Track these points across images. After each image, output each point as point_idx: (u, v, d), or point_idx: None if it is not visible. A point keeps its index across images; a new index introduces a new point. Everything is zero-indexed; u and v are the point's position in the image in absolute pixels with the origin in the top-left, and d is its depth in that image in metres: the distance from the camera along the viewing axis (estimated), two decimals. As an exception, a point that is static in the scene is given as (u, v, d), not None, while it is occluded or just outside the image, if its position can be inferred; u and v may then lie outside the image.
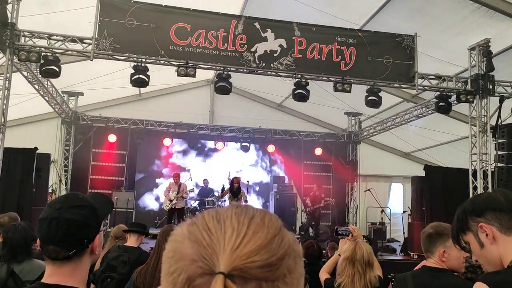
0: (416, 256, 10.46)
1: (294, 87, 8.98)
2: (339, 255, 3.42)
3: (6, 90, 7.85)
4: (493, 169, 9.01)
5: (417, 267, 5.04)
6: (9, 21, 7.77)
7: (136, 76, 8.31)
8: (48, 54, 8.07)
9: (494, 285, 1.54)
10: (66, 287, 1.47)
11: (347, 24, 9.24)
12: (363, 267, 2.92)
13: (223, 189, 12.28)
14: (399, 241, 13.03)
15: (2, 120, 7.92)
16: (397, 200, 15.81)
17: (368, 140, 15.11)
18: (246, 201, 12.01)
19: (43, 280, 1.50)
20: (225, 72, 8.62)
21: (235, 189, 11.62)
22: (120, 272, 3.71)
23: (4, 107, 7.88)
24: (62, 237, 1.45)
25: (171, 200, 11.48)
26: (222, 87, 8.66)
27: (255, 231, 0.66)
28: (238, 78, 10.66)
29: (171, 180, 12.04)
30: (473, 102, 9.40)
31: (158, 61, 8.36)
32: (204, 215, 0.71)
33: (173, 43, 8.20)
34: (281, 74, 8.93)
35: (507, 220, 1.56)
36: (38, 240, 1.52)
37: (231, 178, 11.99)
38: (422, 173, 11.31)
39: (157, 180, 14.40)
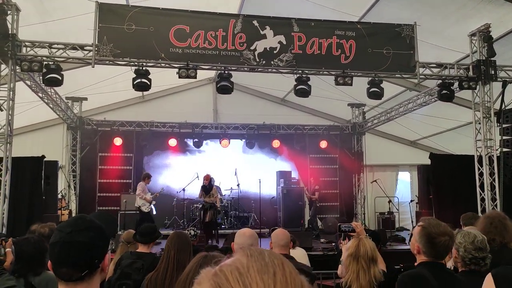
0: (426, 245, 10.48)
1: (295, 83, 8.99)
2: None
3: (10, 101, 7.93)
4: (498, 155, 8.99)
5: None
6: (10, 32, 7.85)
7: (138, 80, 8.37)
8: (50, 63, 8.15)
9: (496, 276, 1.64)
10: None
11: (345, 16, 9.22)
12: (367, 263, 2.97)
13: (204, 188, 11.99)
14: (408, 230, 13.06)
15: (9, 131, 8.02)
16: (405, 189, 15.81)
17: (373, 130, 15.10)
18: (221, 199, 12.08)
19: None
20: (226, 72, 8.65)
21: (207, 186, 11.40)
22: (135, 279, 3.72)
23: (9, 117, 7.98)
24: (75, 259, 1.52)
25: (150, 202, 11.22)
26: (224, 86, 8.69)
27: None
28: (240, 75, 10.68)
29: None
30: (475, 88, 9.36)
31: (159, 64, 8.41)
32: (227, 276, 0.70)
33: (173, 45, 8.24)
34: (281, 70, 8.95)
35: None
36: (49, 262, 1.58)
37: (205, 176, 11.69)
38: (429, 161, 11.29)
39: (164, 181, 14.42)
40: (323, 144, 14.79)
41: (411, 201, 13.35)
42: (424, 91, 11.23)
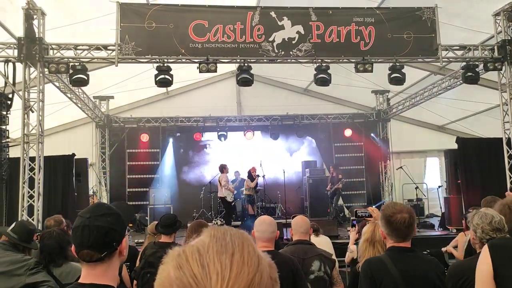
0: (455, 230, 10.33)
1: (315, 72, 8.99)
2: None
3: (40, 102, 8.25)
4: (527, 136, 8.76)
5: None
6: (37, 36, 8.15)
7: (160, 77, 8.55)
8: (76, 64, 8.43)
9: (492, 245, 1.71)
10: (100, 285, 1.67)
11: (364, 2, 9.12)
12: (383, 247, 3.01)
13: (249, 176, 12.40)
14: (439, 216, 12.87)
15: (40, 131, 8.35)
16: (434, 175, 15.55)
17: (398, 116, 14.88)
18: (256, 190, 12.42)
19: (80, 281, 1.70)
20: (246, 64, 8.73)
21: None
22: (158, 267, 3.89)
23: (40, 118, 8.31)
24: (94, 242, 1.66)
25: (233, 192, 11.74)
26: (244, 79, 8.77)
27: (237, 274, 0.70)
28: (262, 67, 10.71)
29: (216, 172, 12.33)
30: (501, 69, 9.13)
31: (179, 60, 8.56)
32: (188, 257, 0.74)
33: (192, 41, 8.38)
34: (301, 60, 8.96)
35: None
36: (73, 245, 1.72)
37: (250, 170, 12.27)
38: (456, 146, 11.07)
39: (190, 175, 14.62)
40: (348, 132, 14.72)
41: (439, 186, 13.13)
42: (448, 75, 11.00)
